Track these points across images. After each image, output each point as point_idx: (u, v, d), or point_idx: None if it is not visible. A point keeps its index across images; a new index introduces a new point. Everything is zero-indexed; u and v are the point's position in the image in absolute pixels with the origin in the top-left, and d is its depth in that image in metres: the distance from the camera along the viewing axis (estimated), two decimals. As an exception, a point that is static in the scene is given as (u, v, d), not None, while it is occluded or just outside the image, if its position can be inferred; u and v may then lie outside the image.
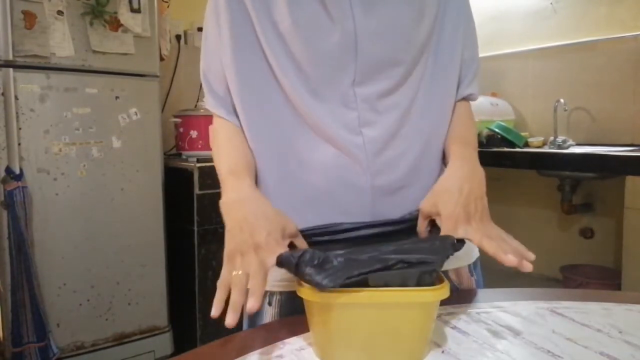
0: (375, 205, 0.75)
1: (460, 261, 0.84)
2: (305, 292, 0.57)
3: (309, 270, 0.56)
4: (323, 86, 0.73)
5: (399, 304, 0.56)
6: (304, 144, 0.75)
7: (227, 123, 0.80)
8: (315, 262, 0.57)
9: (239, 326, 0.86)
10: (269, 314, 0.79)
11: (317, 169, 0.75)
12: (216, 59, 0.78)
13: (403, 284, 0.56)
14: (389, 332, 0.57)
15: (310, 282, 0.55)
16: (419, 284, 0.56)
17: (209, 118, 0.84)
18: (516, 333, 0.64)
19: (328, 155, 0.74)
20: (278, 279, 0.78)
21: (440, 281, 0.57)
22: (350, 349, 0.58)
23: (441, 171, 0.83)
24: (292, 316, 0.76)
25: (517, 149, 2.32)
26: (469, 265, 0.87)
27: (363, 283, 0.55)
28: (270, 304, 0.79)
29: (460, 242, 0.63)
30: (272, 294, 0.79)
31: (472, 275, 0.87)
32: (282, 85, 0.74)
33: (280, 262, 0.61)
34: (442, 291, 0.55)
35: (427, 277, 0.57)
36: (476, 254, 0.89)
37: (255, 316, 0.80)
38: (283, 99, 0.75)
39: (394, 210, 0.76)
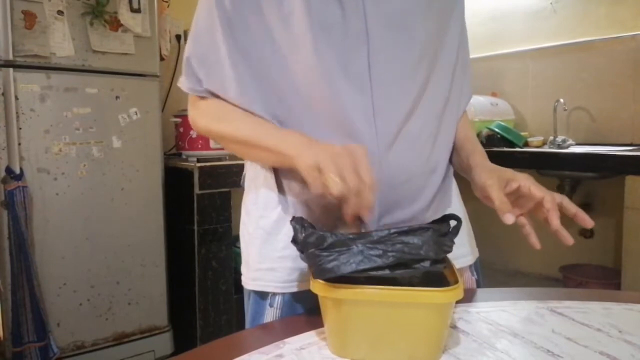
0: (382, 198, 0.75)
1: (462, 261, 0.84)
2: (318, 288, 0.57)
3: (312, 252, 0.58)
4: (337, 72, 0.71)
5: (411, 304, 0.56)
6: (314, 134, 0.75)
7: (217, 101, 0.78)
8: (321, 245, 0.58)
9: (238, 326, 0.86)
10: (270, 315, 0.79)
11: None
12: (211, 47, 0.76)
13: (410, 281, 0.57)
14: (400, 330, 0.57)
15: (310, 266, 0.59)
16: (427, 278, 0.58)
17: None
18: (516, 333, 0.64)
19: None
20: (280, 280, 0.78)
21: (455, 281, 0.57)
22: (362, 345, 0.58)
23: (448, 167, 0.84)
24: (292, 316, 0.76)
25: (517, 149, 2.32)
26: (470, 266, 0.87)
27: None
28: (271, 305, 0.79)
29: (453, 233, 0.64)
30: (273, 295, 0.79)
31: (473, 275, 0.87)
32: (294, 72, 0.73)
33: (294, 236, 0.63)
34: (454, 293, 0.55)
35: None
36: (476, 254, 0.89)
37: (257, 318, 0.80)
38: (293, 87, 0.74)
39: (401, 202, 0.76)
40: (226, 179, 2.05)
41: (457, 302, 0.56)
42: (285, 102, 0.75)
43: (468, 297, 0.78)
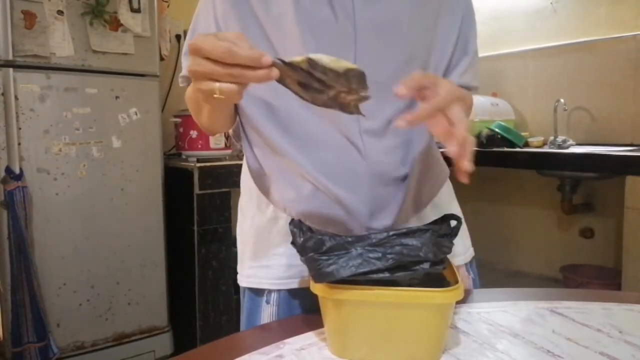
0: (373, 191, 0.75)
1: (457, 260, 0.84)
2: (319, 289, 0.57)
3: (311, 256, 0.58)
4: None
5: (411, 304, 0.56)
6: (306, 124, 0.74)
7: None
8: (320, 249, 0.58)
9: (238, 326, 0.86)
10: (267, 313, 0.79)
11: (319, 147, 0.74)
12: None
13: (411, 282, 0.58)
14: (400, 331, 0.57)
15: (310, 270, 0.58)
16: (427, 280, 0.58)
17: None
18: (516, 333, 0.64)
19: (329, 136, 0.74)
20: (276, 277, 0.78)
21: (455, 282, 0.57)
22: (362, 345, 0.58)
23: (442, 166, 0.84)
24: (292, 316, 0.76)
25: (517, 149, 2.32)
26: (466, 264, 0.87)
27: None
28: (268, 302, 0.79)
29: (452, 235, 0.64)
30: (269, 292, 0.79)
31: (469, 274, 0.88)
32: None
33: (293, 239, 0.62)
34: (454, 293, 0.55)
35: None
36: (472, 253, 0.89)
37: (252, 315, 0.80)
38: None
39: (392, 198, 0.76)
40: (226, 179, 2.05)
41: (458, 302, 0.56)
42: (275, 90, 0.75)
43: (467, 297, 0.78)
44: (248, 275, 0.81)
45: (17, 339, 1.65)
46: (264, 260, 0.79)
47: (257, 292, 0.80)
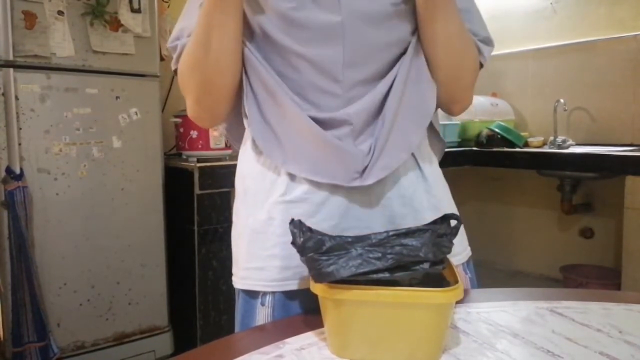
0: (364, 176, 0.75)
1: (454, 260, 0.84)
2: (319, 289, 0.57)
3: (312, 256, 0.58)
4: (313, 62, 0.72)
5: (411, 304, 0.56)
6: (294, 110, 0.75)
7: None
8: (320, 249, 0.59)
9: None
10: (262, 315, 0.78)
11: (309, 130, 0.74)
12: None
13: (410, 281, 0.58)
14: (400, 331, 0.57)
15: (310, 270, 0.58)
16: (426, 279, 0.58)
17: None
18: (516, 333, 0.64)
19: (320, 135, 0.74)
20: (270, 279, 0.77)
21: (455, 282, 0.57)
22: (362, 345, 0.58)
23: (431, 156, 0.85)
24: (292, 316, 0.76)
25: (517, 149, 2.32)
26: (463, 264, 0.87)
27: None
28: (263, 304, 0.78)
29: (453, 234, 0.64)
30: (264, 294, 0.78)
31: (466, 274, 0.87)
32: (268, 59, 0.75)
33: (293, 239, 0.63)
34: (454, 293, 0.55)
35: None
36: (468, 252, 0.89)
37: (247, 317, 0.80)
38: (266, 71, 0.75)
39: (386, 186, 0.76)
40: (226, 179, 2.05)
41: (457, 302, 0.57)
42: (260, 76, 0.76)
43: (467, 297, 0.78)
44: (242, 276, 0.81)
45: (18, 339, 1.65)
46: (258, 261, 0.79)
47: (252, 294, 0.80)
